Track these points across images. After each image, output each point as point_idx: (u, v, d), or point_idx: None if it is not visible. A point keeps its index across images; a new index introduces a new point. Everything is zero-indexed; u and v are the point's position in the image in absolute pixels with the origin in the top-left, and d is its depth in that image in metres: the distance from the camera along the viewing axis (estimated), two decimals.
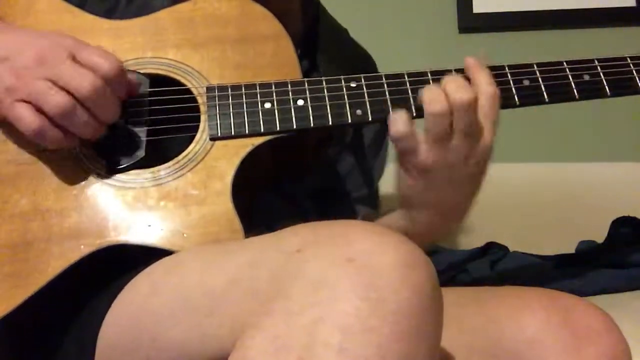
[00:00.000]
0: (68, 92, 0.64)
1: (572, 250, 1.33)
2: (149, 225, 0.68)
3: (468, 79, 0.72)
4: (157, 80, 0.75)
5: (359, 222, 0.55)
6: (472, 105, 0.68)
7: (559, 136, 1.69)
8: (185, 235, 0.68)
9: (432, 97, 0.69)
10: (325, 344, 0.46)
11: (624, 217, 1.31)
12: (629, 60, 0.79)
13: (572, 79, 0.77)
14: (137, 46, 0.77)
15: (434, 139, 0.69)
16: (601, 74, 0.78)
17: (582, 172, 1.54)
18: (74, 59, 0.66)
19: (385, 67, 0.91)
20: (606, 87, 0.77)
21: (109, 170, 0.71)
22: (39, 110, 0.65)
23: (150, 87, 0.74)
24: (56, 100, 0.64)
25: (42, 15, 0.78)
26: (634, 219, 1.31)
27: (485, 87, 0.71)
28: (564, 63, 0.78)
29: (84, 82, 0.64)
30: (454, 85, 0.69)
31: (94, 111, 0.66)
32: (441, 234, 0.80)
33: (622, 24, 1.70)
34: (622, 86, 0.78)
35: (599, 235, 1.31)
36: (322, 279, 0.49)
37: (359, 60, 1.00)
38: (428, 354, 0.49)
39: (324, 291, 0.48)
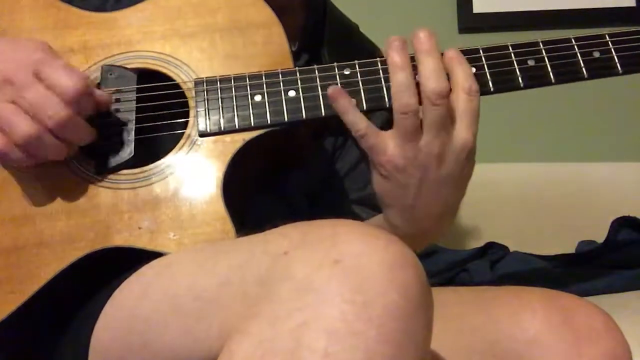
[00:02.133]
0: (34, 118, 0.63)
1: (572, 250, 1.33)
2: (140, 228, 0.67)
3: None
4: (145, 74, 0.73)
5: (348, 221, 0.54)
6: (444, 97, 0.64)
7: (559, 136, 1.68)
8: (176, 236, 0.67)
9: (400, 87, 0.65)
10: (311, 348, 0.45)
11: (624, 217, 1.31)
12: None
13: (581, 56, 0.72)
14: (124, 39, 0.75)
15: (403, 134, 0.65)
16: (612, 50, 0.72)
17: (582, 172, 1.54)
18: (37, 76, 0.64)
19: None
20: (617, 64, 0.72)
21: (98, 171, 0.70)
22: (5, 133, 0.64)
23: (138, 83, 0.72)
24: (21, 128, 0.63)
25: (27, 10, 0.76)
26: (634, 219, 1.31)
27: (463, 80, 0.66)
28: (572, 40, 0.72)
29: (50, 110, 0.63)
30: (427, 72, 0.65)
31: (63, 137, 0.65)
32: (422, 241, 0.75)
33: (622, 24, 1.69)
34: (635, 62, 0.72)
35: (599, 235, 1.31)
36: (308, 281, 0.48)
37: (366, 57, 0.98)
38: (417, 357, 0.48)
39: (310, 294, 0.47)
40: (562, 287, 0.76)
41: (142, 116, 0.72)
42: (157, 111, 0.72)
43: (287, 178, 0.83)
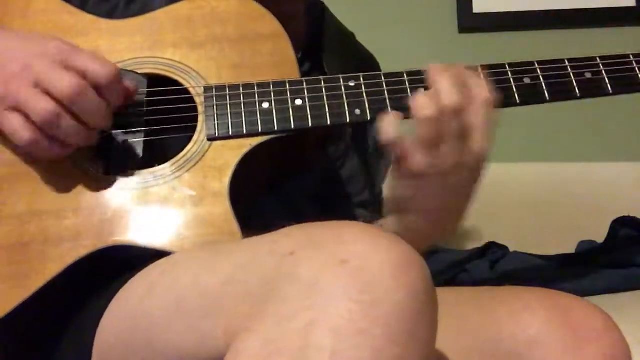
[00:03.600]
0: (52, 97, 0.64)
1: (572, 250, 1.33)
2: (146, 227, 0.68)
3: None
4: (155, 80, 0.75)
5: (353, 222, 0.54)
6: (462, 110, 0.67)
7: (559, 136, 1.69)
8: (182, 236, 0.67)
9: (420, 102, 0.67)
10: (318, 347, 0.45)
11: (624, 217, 1.31)
12: (632, 58, 0.78)
13: (574, 77, 0.76)
14: (135, 46, 0.76)
15: (424, 143, 0.67)
16: (603, 72, 0.77)
17: (582, 172, 1.54)
18: (63, 64, 0.65)
19: (385, 67, 0.91)
20: (608, 85, 0.77)
21: (106, 171, 0.71)
22: (29, 119, 0.64)
23: (148, 87, 0.74)
24: (40, 106, 0.64)
25: (40, 15, 0.77)
26: (634, 219, 1.31)
27: (479, 91, 0.68)
28: (566, 61, 0.77)
29: (67, 84, 0.64)
30: (445, 87, 0.67)
31: (80, 116, 0.65)
32: (433, 241, 0.78)
33: (622, 24, 1.70)
34: (623, 84, 0.77)
35: (599, 235, 1.31)
36: (314, 281, 0.48)
37: (364, 63, 0.99)
38: (422, 356, 0.48)
39: (316, 294, 0.48)
40: (562, 287, 0.76)
41: (152, 119, 0.73)
42: (166, 115, 0.73)
43: (292, 182, 0.84)
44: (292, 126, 0.72)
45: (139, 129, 0.72)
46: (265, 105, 0.73)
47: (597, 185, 1.50)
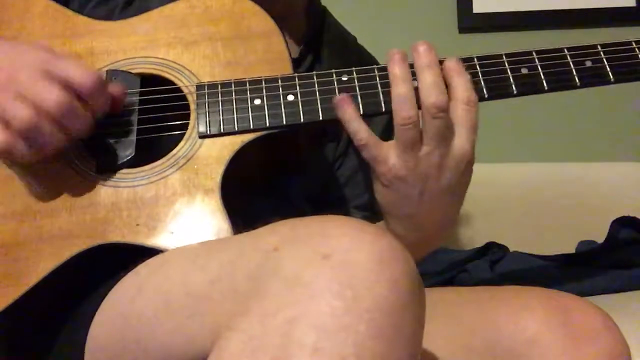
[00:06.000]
0: (34, 105, 0.63)
1: (572, 250, 1.33)
2: (138, 225, 0.68)
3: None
4: (148, 79, 0.75)
5: (338, 217, 0.54)
6: (443, 110, 0.65)
7: (559, 136, 1.69)
8: (173, 233, 0.68)
9: (401, 100, 0.66)
10: (300, 344, 0.45)
11: (624, 217, 1.31)
12: (634, 45, 0.75)
13: (573, 65, 0.74)
14: (129, 46, 0.77)
15: (404, 145, 0.65)
16: (604, 60, 0.74)
17: (582, 172, 1.54)
18: (47, 74, 0.65)
19: None
20: (609, 73, 0.74)
21: (99, 170, 0.71)
22: (7, 126, 0.64)
23: (141, 87, 0.74)
24: (20, 113, 0.63)
25: (37, 18, 0.78)
26: (634, 219, 1.30)
27: (462, 92, 0.67)
28: (565, 50, 0.75)
29: (49, 95, 0.63)
30: (426, 86, 0.66)
31: (61, 125, 0.65)
32: (424, 248, 0.75)
33: (622, 24, 1.70)
34: (625, 72, 0.74)
35: (599, 235, 1.31)
36: (297, 277, 0.48)
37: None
38: (408, 352, 0.48)
39: (299, 290, 0.47)
40: (562, 287, 0.76)
41: (144, 118, 0.73)
42: (159, 113, 0.73)
43: (288, 182, 0.84)
44: (284, 122, 0.72)
45: (131, 127, 0.72)
46: (257, 101, 0.72)
47: (597, 185, 1.50)
